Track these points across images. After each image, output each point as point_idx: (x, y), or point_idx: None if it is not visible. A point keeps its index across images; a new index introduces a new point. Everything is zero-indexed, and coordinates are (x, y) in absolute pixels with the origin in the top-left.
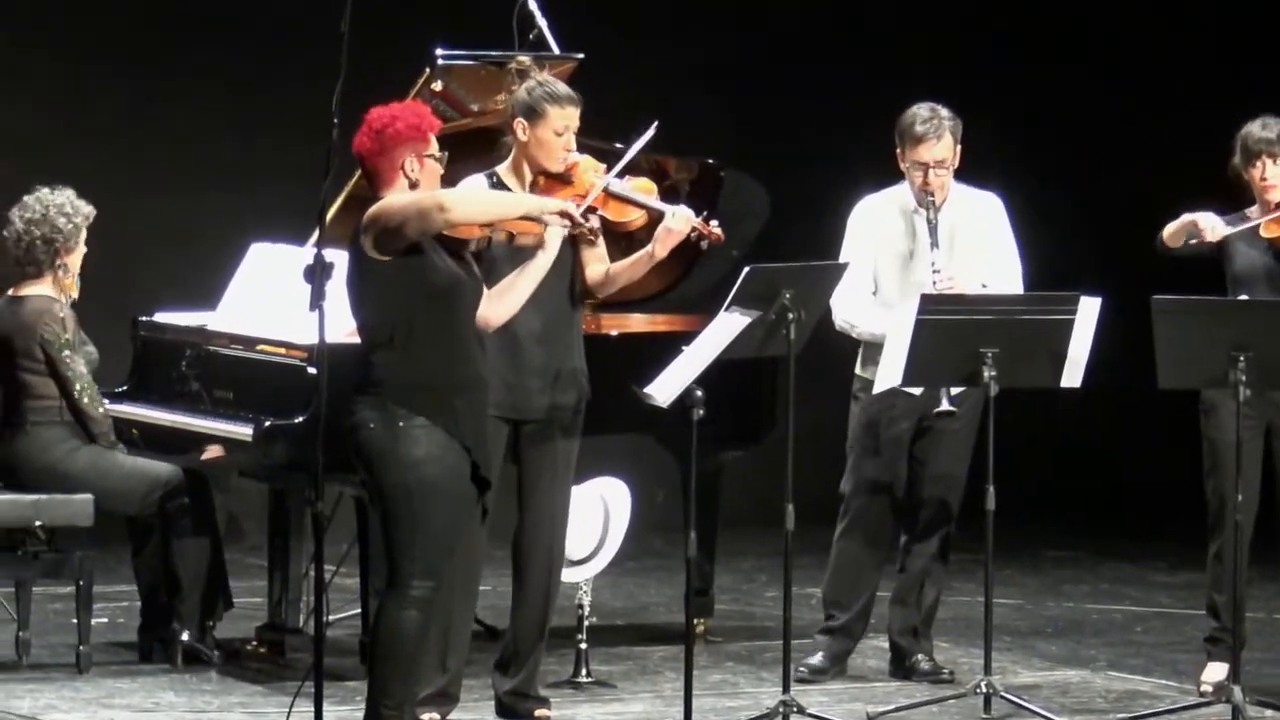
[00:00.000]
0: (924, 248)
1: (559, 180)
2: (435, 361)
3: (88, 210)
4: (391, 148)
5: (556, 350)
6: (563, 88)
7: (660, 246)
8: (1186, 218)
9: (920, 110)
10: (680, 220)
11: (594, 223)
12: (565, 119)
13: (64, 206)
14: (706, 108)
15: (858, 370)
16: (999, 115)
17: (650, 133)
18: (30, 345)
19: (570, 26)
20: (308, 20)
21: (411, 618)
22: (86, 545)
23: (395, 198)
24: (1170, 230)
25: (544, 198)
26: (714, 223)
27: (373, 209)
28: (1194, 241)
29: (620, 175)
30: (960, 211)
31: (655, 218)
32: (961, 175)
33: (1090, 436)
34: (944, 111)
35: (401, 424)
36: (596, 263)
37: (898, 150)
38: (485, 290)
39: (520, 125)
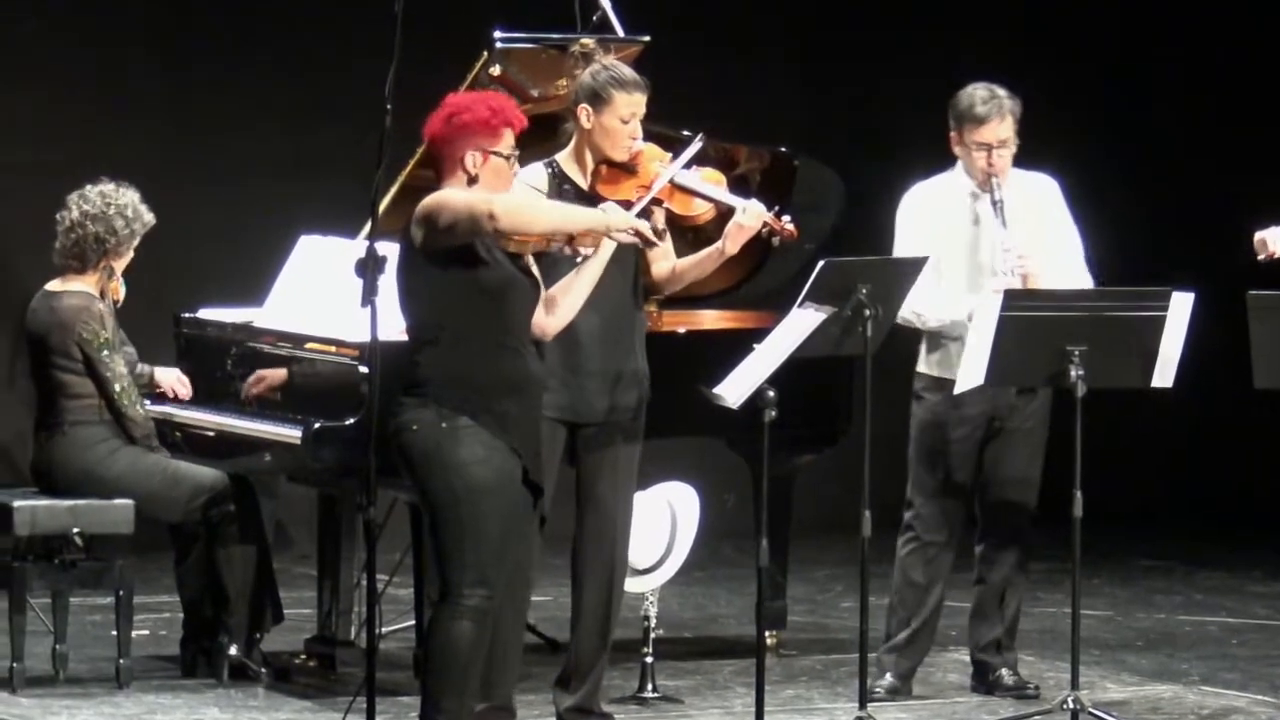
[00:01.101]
0: (989, 229)
1: (622, 169)
2: (484, 361)
3: (149, 218)
4: (456, 137)
5: (617, 351)
6: (629, 72)
7: (731, 243)
8: (1257, 236)
9: (979, 91)
10: (752, 216)
11: (663, 230)
12: (632, 106)
13: (125, 209)
14: (779, 92)
15: (920, 368)
16: (1086, 107)
17: (698, 143)
18: (67, 343)
19: (635, 7)
20: (360, 1)
21: (464, 628)
22: (126, 554)
23: (451, 195)
24: (1255, 245)
25: (611, 215)
26: (786, 218)
27: (427, 202)
28: (1263, 258)
29: (687, 165)
30: (1016, 194)
31: (724, 211)
32: (1047, 167)
33: (1182, 439)
34: (1001, 91)
35: (445, 425)
36: (662, 259)
37: (953, 133)
38: (542, 291)
39: (584, 111)
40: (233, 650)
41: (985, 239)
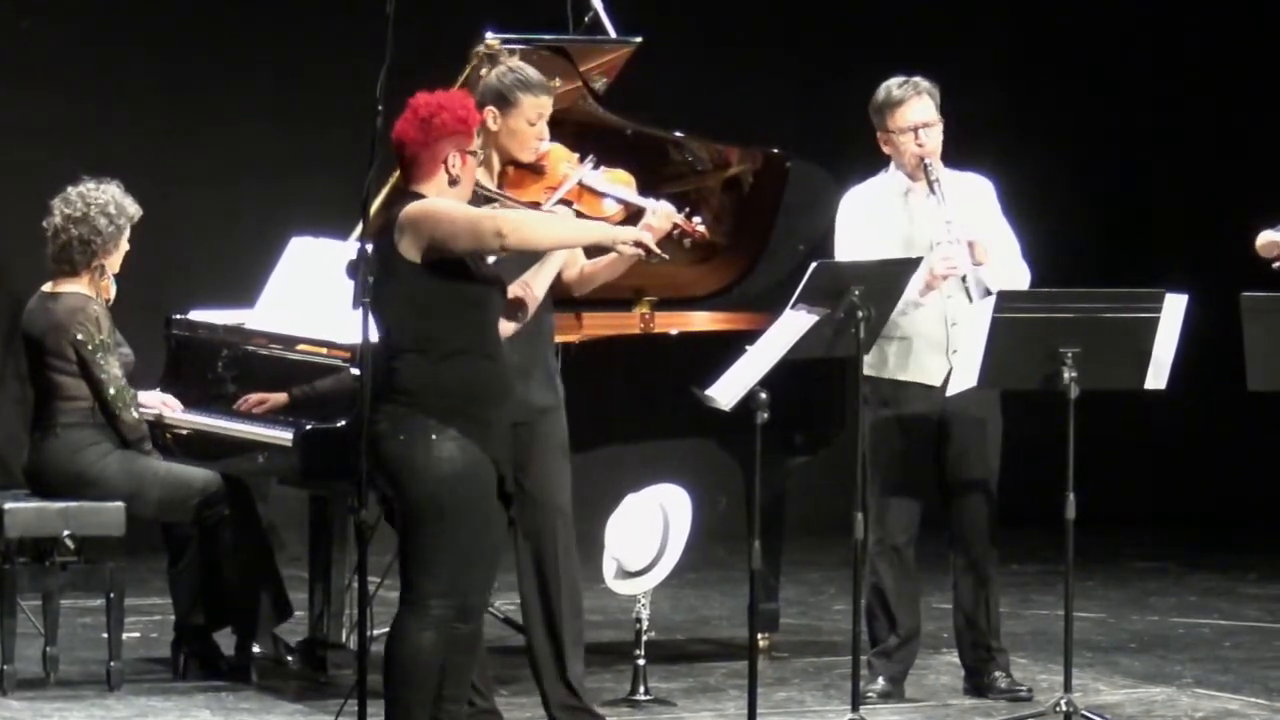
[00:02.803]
0: (925, 221)
1: (529, 171)
2: (469, 371)
3: (133, 211)
4: (436, 139)
5: (530, 350)
6: (535, 74)
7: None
8: (1266, 238)
9: (891, 81)
10: (661, 217)
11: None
12: (539, 107)
13: (106, 206)
14: (773, 93)
15: (865, 370)
16: (1079, 108)
17: (589, 165)
18: (62, 344)
19: (627, 8)
20: (351, 1)
21: (430, 638)
22: (117, 556)
23: (443, 207)
24: (1260, 242)
25: (620, 228)
26: (697, 219)
27: (416, 211)
28: (1278, 265)
29: (595, 166)
30: (952, 192)
31: (634, 212)
32: (1038, 168)
33: (1176, 441)
34: (917, 77)
35: (435, 436)
36: (571, 265)
37: (879, 133)
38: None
39: (491, 114)
40: (258, 649)
41: (921, 232)
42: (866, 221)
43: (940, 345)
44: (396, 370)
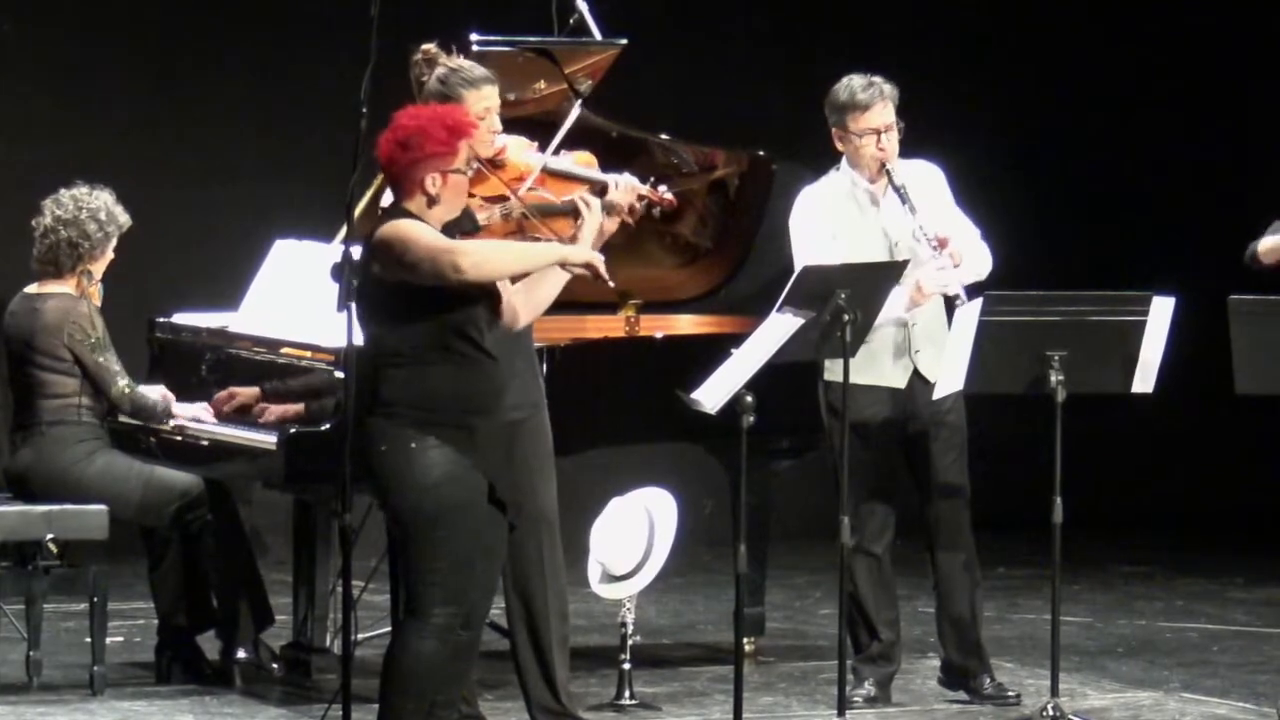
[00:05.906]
0: (886, 219)
1: (490, 164)
2: (449, 380)
3: (123, 220)
4: (413, 162)
5: (511, 348)
6: (478, 70)
7: (607, 221)
8: (1265, 244)
9: (855, 80)
10: (624, 190)
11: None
12: (484, 101)
13: (98, 212)
14: (758, 94)
15: (826, 376)
16: (1078, 111)
17: (576, 110)
18: (54, 344)
19: (616, 9)
20: (335, 4)
21: (431, 647)
22: (101, 559)
23: (415, 234)
24: (1265, 247)
25: (571, 248)
26: (663, 187)
27: (387, 234)
28: None
29: (557, 151)
30: (907, 180)
31: (598, 190)
32: (1028, 172)
33: (1163, 444)
34: (878, 78)
35: (415, 445)
36: None
37: (835, 130)
38: (505, 290)
39: None
40: (243, 654)
41: (876, 235)
42: (824, 223)
43: (901, 348)
44: (381, 381)
